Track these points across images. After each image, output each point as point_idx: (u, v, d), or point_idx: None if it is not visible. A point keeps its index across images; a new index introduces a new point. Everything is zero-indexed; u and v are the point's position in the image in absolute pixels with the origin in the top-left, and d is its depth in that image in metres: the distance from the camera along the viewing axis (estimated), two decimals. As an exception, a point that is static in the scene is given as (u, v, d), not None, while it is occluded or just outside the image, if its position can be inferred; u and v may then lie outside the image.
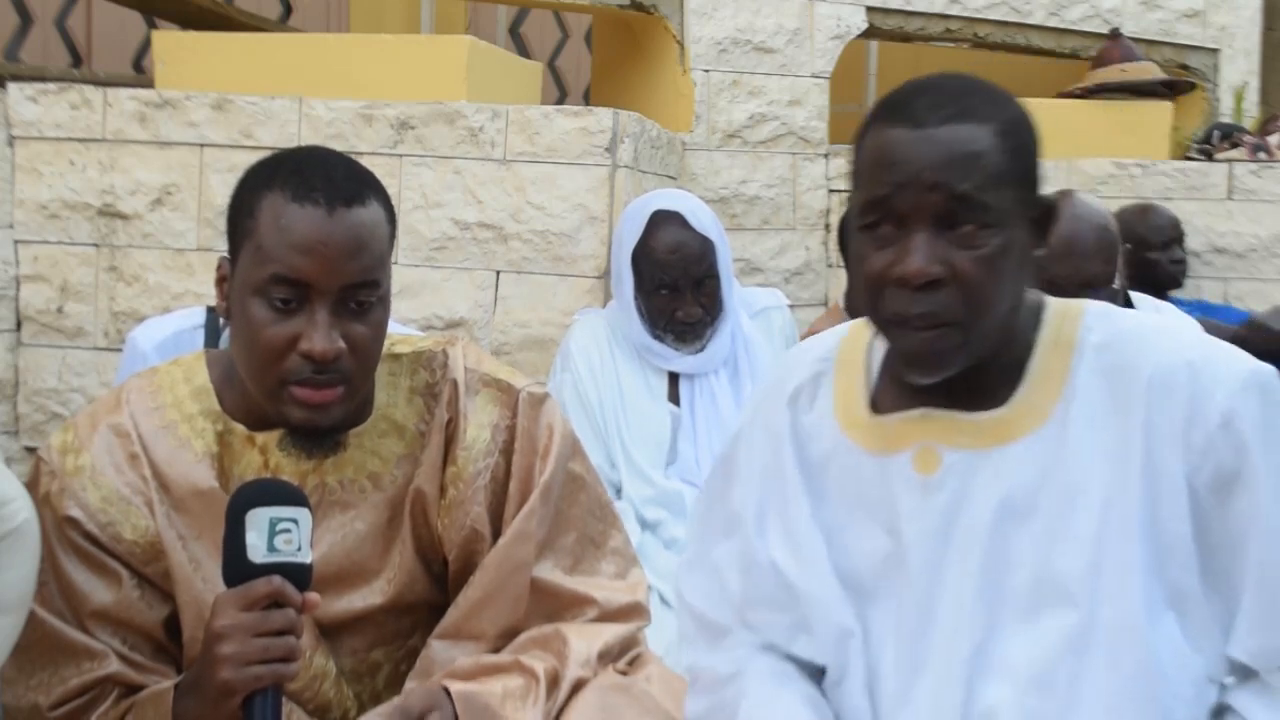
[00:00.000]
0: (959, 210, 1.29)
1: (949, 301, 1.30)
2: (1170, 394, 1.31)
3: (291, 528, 1.42)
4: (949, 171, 1.29)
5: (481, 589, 1.66)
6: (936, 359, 1.33)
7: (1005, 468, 1.36)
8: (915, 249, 1.30)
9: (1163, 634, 1.30)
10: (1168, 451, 1.31)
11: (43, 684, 1.58)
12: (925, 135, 1.30)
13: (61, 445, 1.62)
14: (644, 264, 2.85)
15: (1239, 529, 1.30)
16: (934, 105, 1.32)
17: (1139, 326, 1.38)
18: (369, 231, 1.55)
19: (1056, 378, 1.37)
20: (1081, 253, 2.71)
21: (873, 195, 1.33)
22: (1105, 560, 1.31)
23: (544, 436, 1.70)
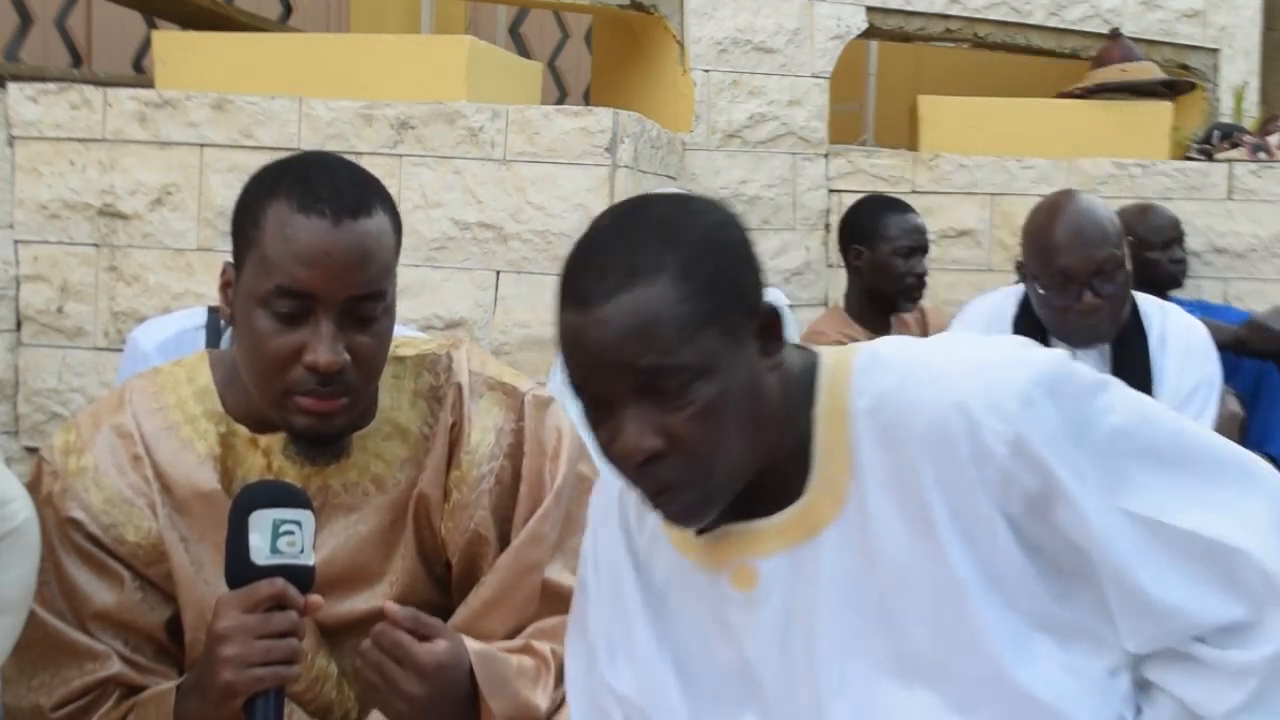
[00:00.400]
0: (655, 379, 1.22)
1: (675, 468, 1.25)
2: (949, 443, 1.25)
3: (295, 530, 1.42)
4: (627, 350, 1.21)
5: (493, 589, 1.65)
6: (686, 518, 1.30)
7: (821, 561, 1.31)
8: (624, 429, 1.24)
9: (1039, 661, 1.27)
10: (969, 498, 1.25)
11: (44, 685, 1.58)
12: (595, 318, 1.22)
13: (64, 445, 1.62)
14: None
15: (1074, 539, 1.26)
16: (600, 276, 1.23)
17: (904, 377, 1.29)
18: (375, 242, 1.53)
19: (842, 454, 1.31)
20: (1089, 241, 2.66)
21: (573, 381, 1.28)
22: (948, 623, 1.27)
23: (552, 439, 1.70)
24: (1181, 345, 2.77)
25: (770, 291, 3.49)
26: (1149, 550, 1.26)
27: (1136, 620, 1.28)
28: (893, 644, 1.30)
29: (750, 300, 1.28)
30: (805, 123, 4.33)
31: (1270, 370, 3.57)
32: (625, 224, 1.28)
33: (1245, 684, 1.25)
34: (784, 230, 4.31)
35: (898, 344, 1.34)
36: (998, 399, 1.24)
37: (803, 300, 4.27)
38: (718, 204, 1.35)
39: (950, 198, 4.32)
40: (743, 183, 4.23)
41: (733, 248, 1.29)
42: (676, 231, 1.26)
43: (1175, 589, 1.26)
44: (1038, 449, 1.24)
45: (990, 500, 1.25)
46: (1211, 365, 2.77)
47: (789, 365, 1.33)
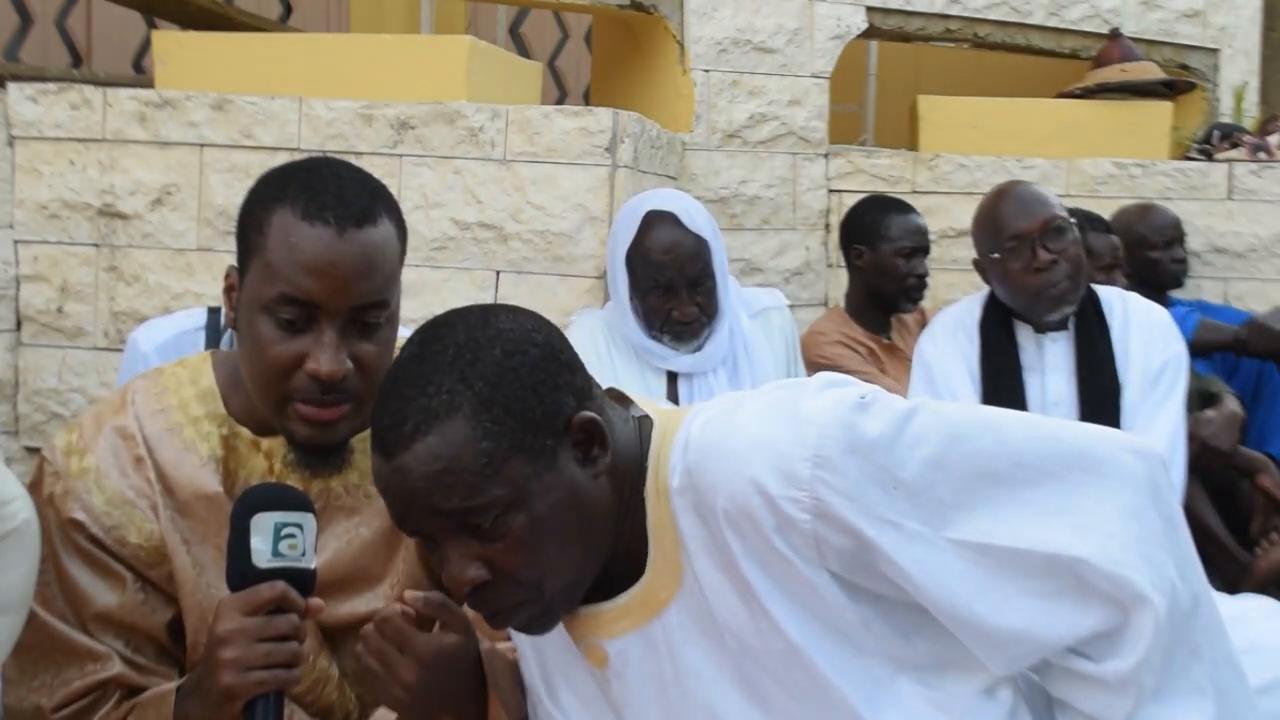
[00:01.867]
0: (465, 518, 1.25)
1: (506, 593, 1.29)
2: (751, 519, 1.24)
3: (296, 533, 1.42)
4: (430, 497, 1.24)
5: None
6: (532, 628, 1.33)
7: (673, 636, 1.33)
8: (448, 562, 1.28)
9: (903, 705, 1.27)
10: (784, 566, 1.25)
11: (45, 685, 1.58)
12: (397, 467, 1.25)
13: (66, 446, 1.62)
14: (638, 264, 2.85)
15: (902, 586, 1.25)
16: (397, 422, 1.25)
17: (703, 456, 1.28)
18: (379, 251, 1.53)
19: (670, 531, 1.31)
20: (1031, 204, 2.84)
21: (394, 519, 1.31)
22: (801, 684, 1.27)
23: None
24: (1145, 326, 2.84)
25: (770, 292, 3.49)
26: (983, 578, 1.23)
27: (988, 649, 1.26)
28: (760, 704, 1.30)
29: (558, 420, 1.28)
30: (805, 123, 4.33)
31: (1270, 370, 3.57)
32: (422, 361, 1.28)
33: (1129, 691, 1.23)
34: (784, 230, 4.31)
35: (707, 417, 1.32)
36: (790, 467, 1.23)
37: (803, 300, 4.27)
38: (522, 318, 1.33)
39: (950, 198, 4.32)
40: (743, 183, 4.23)
41: (532, 370, 1.28)
42: (471, 364, 1.26)
43: (1017, 612, 1.23)
44: (840, 509, 1.22)
45: (807, 564, 1.24)
46: (1176, 344, 2.83)
47: (625, 451, 1.33)
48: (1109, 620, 1.23)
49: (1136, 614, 1.22)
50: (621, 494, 1.33)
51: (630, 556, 1.34)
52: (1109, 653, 1.24)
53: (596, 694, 1.42)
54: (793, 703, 1.29)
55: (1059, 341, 2.86)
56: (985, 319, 2.92)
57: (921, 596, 1.24)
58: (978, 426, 1.26)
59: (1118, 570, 1.21)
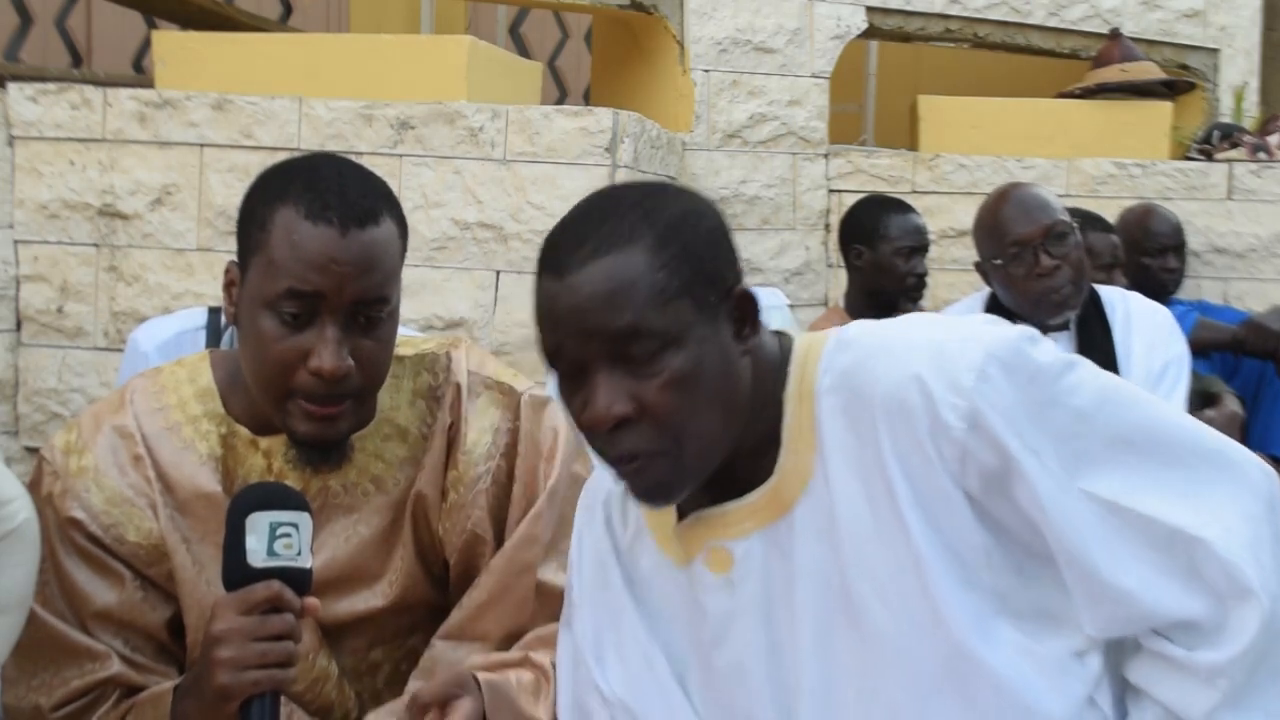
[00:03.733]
0: (627, 343, 1.24)
1: (644, 436, 1.26)
2: (906, 416, 1.25)
3: (292, 532, 1.42)
4: (599, 313, 1.24)
5: (487, 591, 1.66)
6: (656, 492, 1.30)
7: (794, 539, 1.32)
8: (596, 393, 1.26)
9: (1002, 644, 1.26)
10: (927, 473, 1.25)
11: (44, 685, 1.58)
12: (569, 284, 1.25)
13: (65, 445, 1.62)
14: None
15: (1030, 517, 1.26)
16: (576, 245, 1.27)
17: (863, 354, 1.31)
18: (381, 250, 1.54)
19: (807, 431, 1.32)
20: (1033, 209, 2.84)
21: (545, 349, 1.29)
22: (910, 601, 1.27)
23: (548, 439, 1.70)
24: (1148, 326, 2.84)
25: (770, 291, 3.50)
26: (1107, 533, 1.24)
27: (1092, 602, 1.26)
28: (858, 623, 1.30)
29: (725, 282, 1.30)
30: (805, 123, 4.33)
31: (1270, 371, 3.57)
32: (604, 200, 1.32)
33: (1218, 685, 1.23)
34: (784, 230, 4.31)
35: (864, 324, 1.36)
36: (953, 374, 1.24)
37: (803, 300, 4.27)
38: (697, 192, 1.37)
39: (950, 198, 4.32)
40: (743, 183, 4.23)
41: (708, 230, 1.31)
42: (653, 207, 1.29)
43: (1131, 573, 1.24)
44: (994, 425, 1.23)
45: (949, 476, 1.25)
46: (1179, 344, 2.83)
47: (766, 352, 1.35)
48: (1209, 612, 1.24)
49: (1241, 608, 1.23)
50: (758, 390, 1.33)
51: (759, 458, 1.34)
52: (1205, 642, 1.25)
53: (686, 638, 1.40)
54: (892, 621, 1.28)
55: (1060, 341, 2.86)
56: None
57: (1048, 529, 1.25)
58: (1129, 397, 1.30)
59: (1233, 559, 1.23)
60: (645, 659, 1.42)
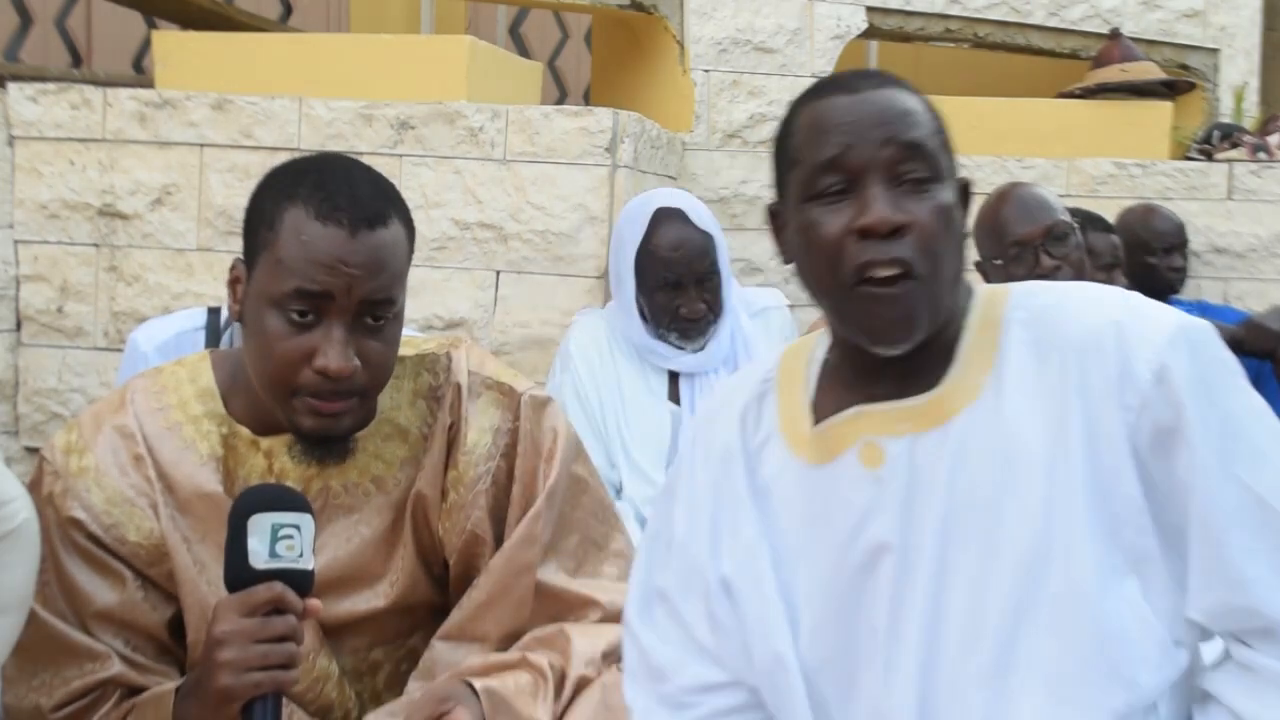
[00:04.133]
0: (909, 160, 1.33)
1: (913, 250, 1.32)
2: (1100, 355, 1.32)
3: (294, 534, 1.42)
4: (894, 125, 1.34)
5: (486, 591, 1.66)
6: (905, 321, 1.34)
7: (947, 447, 1.36)
8: (876, 199, 1.32)
9: (1121, 599, 1.30)
10: (1105, 414, 1.31)
11: (45, 685, 1.58)
12: (864, 98, 1.36)
13: (65, 445, 1.62)
14: (648, 262, 2.85)
15: (1182, 484, 1.29)
16: (863, 76, 1.39)
17: (1063, 298, 1.39)
18: (389, 251, 1.56)
19: (985, 354, 1.38)
20: (1034, 210, 2.86)
21: (822, 158, 1.35)
22: (1053, 529, 1.31)
23: (548, 440, 1.70)
24: None
25: (770, 292, 3.49)
26: (1246, 520, 1.28)
27: (1210, 583, 1.29)
28: (991, 542, 1.33)
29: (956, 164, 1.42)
30: (805, 123, 4.32)
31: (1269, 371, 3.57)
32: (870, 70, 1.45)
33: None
34: (784, 230, 4.31)
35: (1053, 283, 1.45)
36: (1152, 330, 1.31)
37: (803, 300, 4.25)
38: None
39: (950, 198, 4.32)
40: (743, 183, 4.23)
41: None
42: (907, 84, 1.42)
43: (1258, 564, 1.28)
44: (1178, 385, 1.29)
45: (1125, 424, 1.30)
46: None
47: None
48: None
49: None
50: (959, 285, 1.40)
51: (923, 368, 1.39)
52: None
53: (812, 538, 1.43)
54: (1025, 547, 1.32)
55: None
56: None
57: (1196, 497, 1.28)
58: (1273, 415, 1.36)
59: None
60: (751, 551, 1.44)
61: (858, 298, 1.34)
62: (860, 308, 1.34)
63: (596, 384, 2.89)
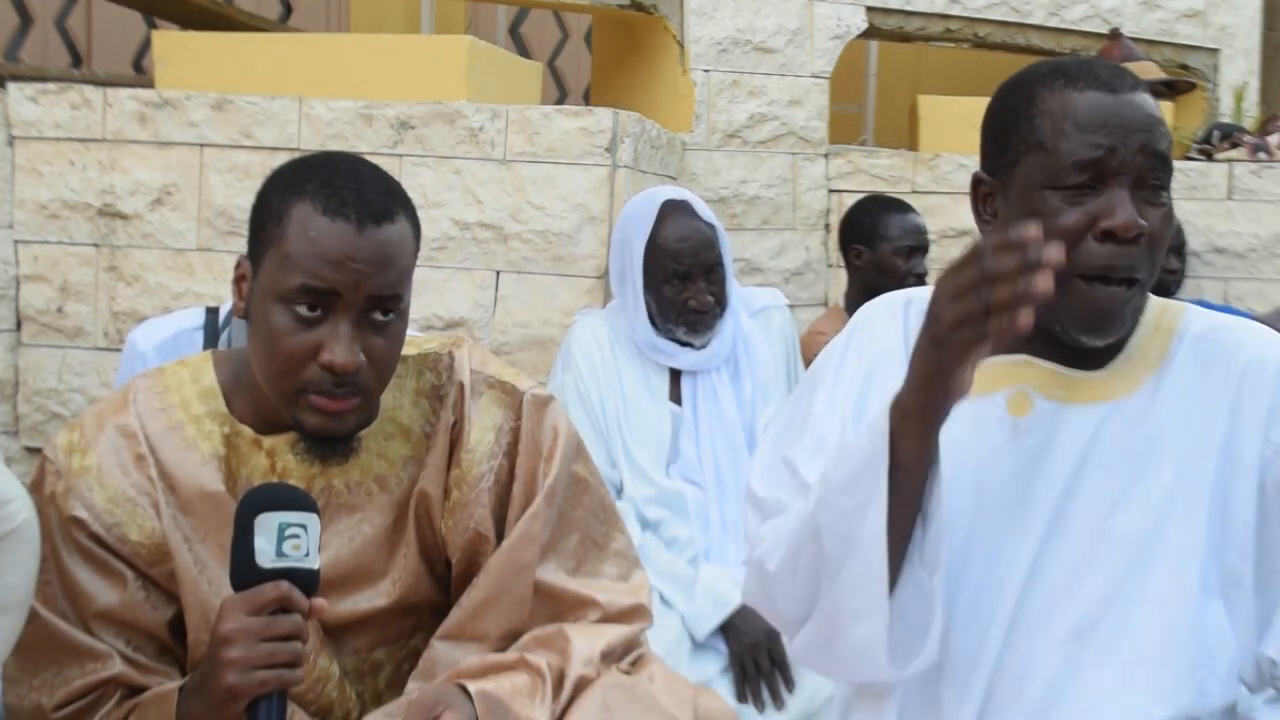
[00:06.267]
0: (1155, 170, 1.39)
1: (1143, 255, 1.38)
2: (1260, 385, 1.38)
3: (300, 533, 1.42)
4: (1151, 133, 1.39)
5: (485, 590, 1.65)
6: (1118, 316, 1.40)
7: (1091, 424, 1.42)
8: (1123, 204, 1.37)
9: (1210, 613, 1.36)
10: (1248, 440, 1.37)
11: (46, 684, 1.58)
12: (1125, 100, 1.40)
13: (67, 445, 1.62)
14: (656, 255, 2.85)
15: None
16: (1117, 74, 1.42)
17: (1238, 323, 1.46)
18: (396, 248, 1.56)
19: (1155, 355, 1.44)
20: None
21: (1081, 157, 1.38)
22: (1169, 527, 1.37)
23: (548, 439, 1.70)
24: None
25: (770, 292, 3.49)
26: None
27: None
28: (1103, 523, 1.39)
29: None
30: (805, 123, 4.33)
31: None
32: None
33: None
34: (784, 230, 4.31)
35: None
36: None
37: (803, 300, 4.27)
38: None
39: (950, 198, 4.32)
40: (743, 183, 4.23)
41: None
42: None
43: None
44: None
45: (1261, 456, 1.37)
46: None
47: None
48: None
49: None
50: None
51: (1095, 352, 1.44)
52: None
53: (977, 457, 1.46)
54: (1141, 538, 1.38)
55: None
56: None
57: None
58: None
59: None
60: None
61: (1082, 292, 1.39)
62: (1082, 301, 1.39)
63: (598, 383, 2.89)
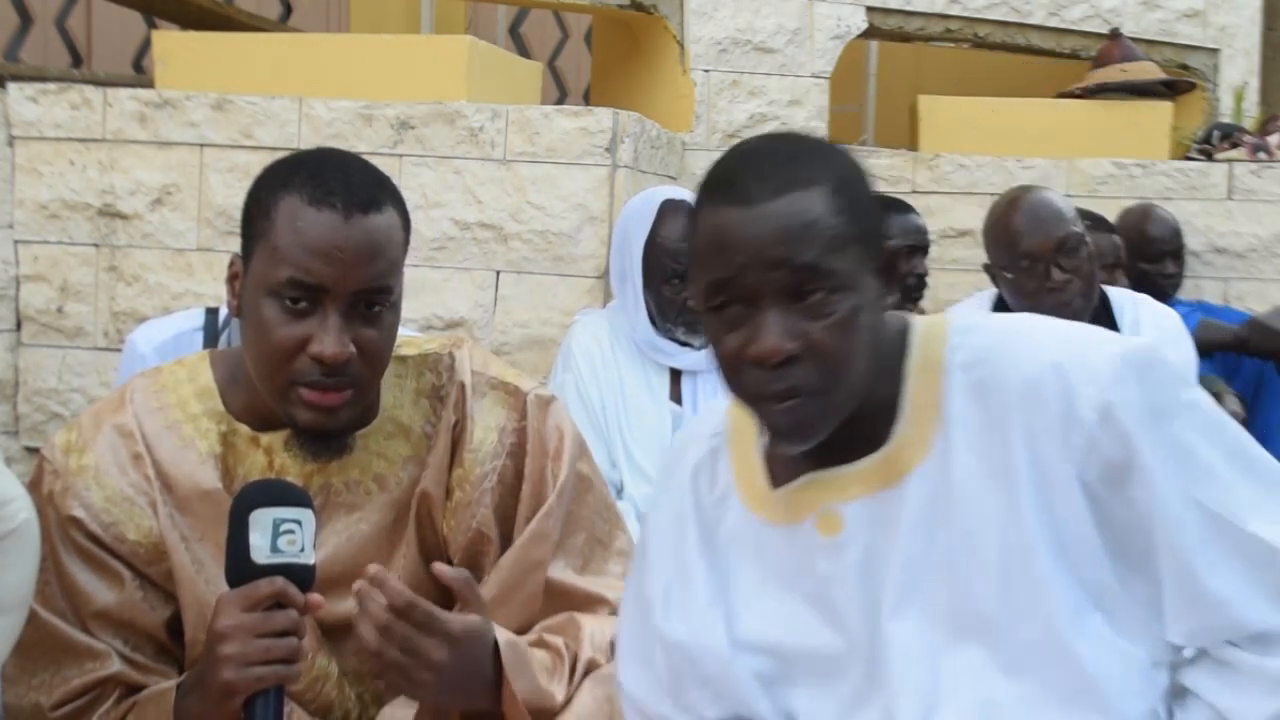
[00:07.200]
0: (805, 281, 1.27)
1: (806, 374, 1.29)
2: (1041, 401, 1.29)
3: (295, 529, 1.42)
4: (788, 245, 1.27)
5: (496, 588, 1.66)
6: (803, 430, 1.32)
7: (902, 508, 1.34)
8: (767, 327, 1.28)
9: (1094, 637, 1.30)
10: (1052, 458, 1.29)
11: (44, 684, 1.58)
12: (758, 212, 1.27)
13: (65, 444, 1.62)
14: (655, 255, 2.85)
15: (1142, 516, 1.29)
16: (761, 179, 1.29)
17: (1001, 336, 1.35)
18: (384, 237, 1.55)
19: (931, 406, 1.35)
20: (1047, 220, 2.80)
21: (716, 277, 1.30)
22: (1013, 581, 1.30)
23: (554, 438, 1.71)
24: (1155, 330, 2.85)
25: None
26: (1212, 542, 1.28)
27: (1185, 607, 1.30)
28: (955, 598, 1.33)
29: (880, 236, 1.36)
30: (805, 123, 4.33)
31: (1270, 371, 3.57)
32: (783, 141, 1.36)
33: None
34: (784, 230, 4.31)
35: (993, 314, 1.42)
36: (1092, 368, 1.29)
37: (803, 300, 4.27)
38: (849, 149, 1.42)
39: (950, 198, 4.32)
40: (743, 183, 4.22)
41: (869, 186, 1.36)
42: (828, 154, 1.34)
43: (1228, 584, 1.28)
44: (1125, 420, 1.28)
45: (1072, 464, 1.29)
46: (1186, 349, 2.83)
47: (889, 317, 1.39)
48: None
49: None
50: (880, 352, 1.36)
51: (871, 423, 1.36)
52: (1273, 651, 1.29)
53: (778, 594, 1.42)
54: (995, 601, 1.31)
55: None
56: None
57: (1159, 528, 1.28)
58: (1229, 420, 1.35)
59: None
60: (706, 621, 1.43)
61: (755, 411, 1.34)
62: (761, 416, 1.34)
63: (598, 383, 2.89)
